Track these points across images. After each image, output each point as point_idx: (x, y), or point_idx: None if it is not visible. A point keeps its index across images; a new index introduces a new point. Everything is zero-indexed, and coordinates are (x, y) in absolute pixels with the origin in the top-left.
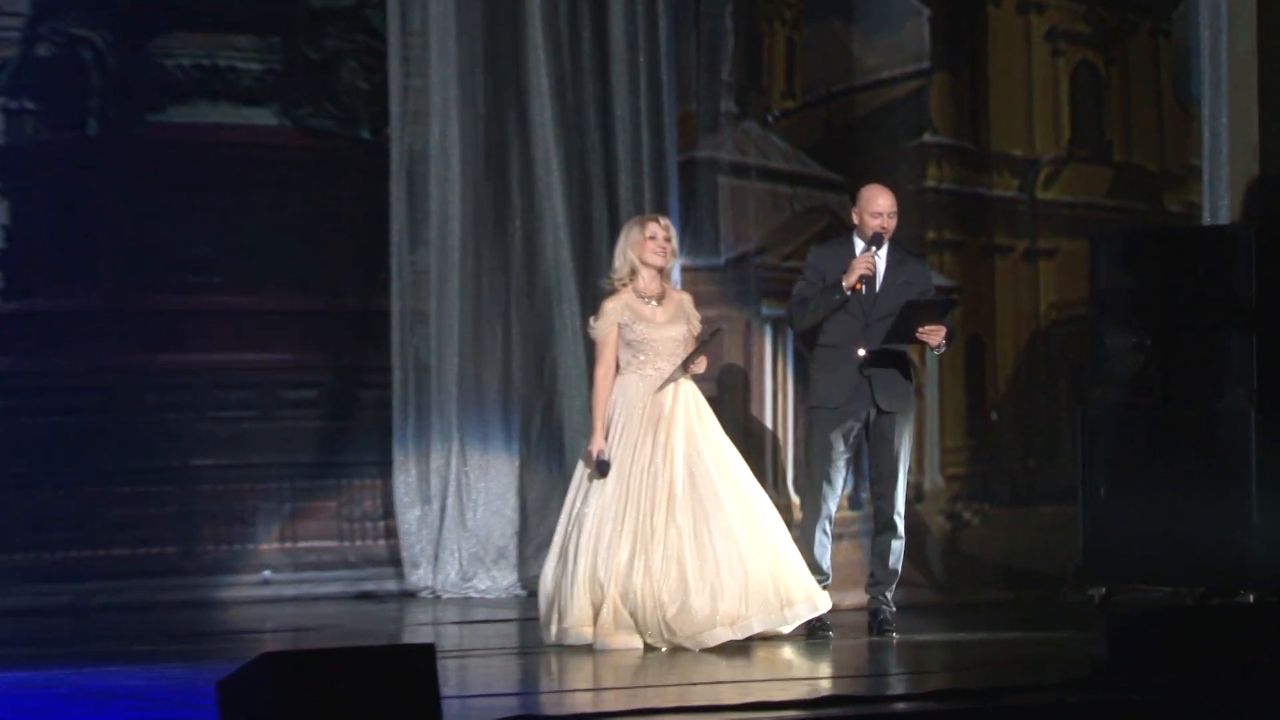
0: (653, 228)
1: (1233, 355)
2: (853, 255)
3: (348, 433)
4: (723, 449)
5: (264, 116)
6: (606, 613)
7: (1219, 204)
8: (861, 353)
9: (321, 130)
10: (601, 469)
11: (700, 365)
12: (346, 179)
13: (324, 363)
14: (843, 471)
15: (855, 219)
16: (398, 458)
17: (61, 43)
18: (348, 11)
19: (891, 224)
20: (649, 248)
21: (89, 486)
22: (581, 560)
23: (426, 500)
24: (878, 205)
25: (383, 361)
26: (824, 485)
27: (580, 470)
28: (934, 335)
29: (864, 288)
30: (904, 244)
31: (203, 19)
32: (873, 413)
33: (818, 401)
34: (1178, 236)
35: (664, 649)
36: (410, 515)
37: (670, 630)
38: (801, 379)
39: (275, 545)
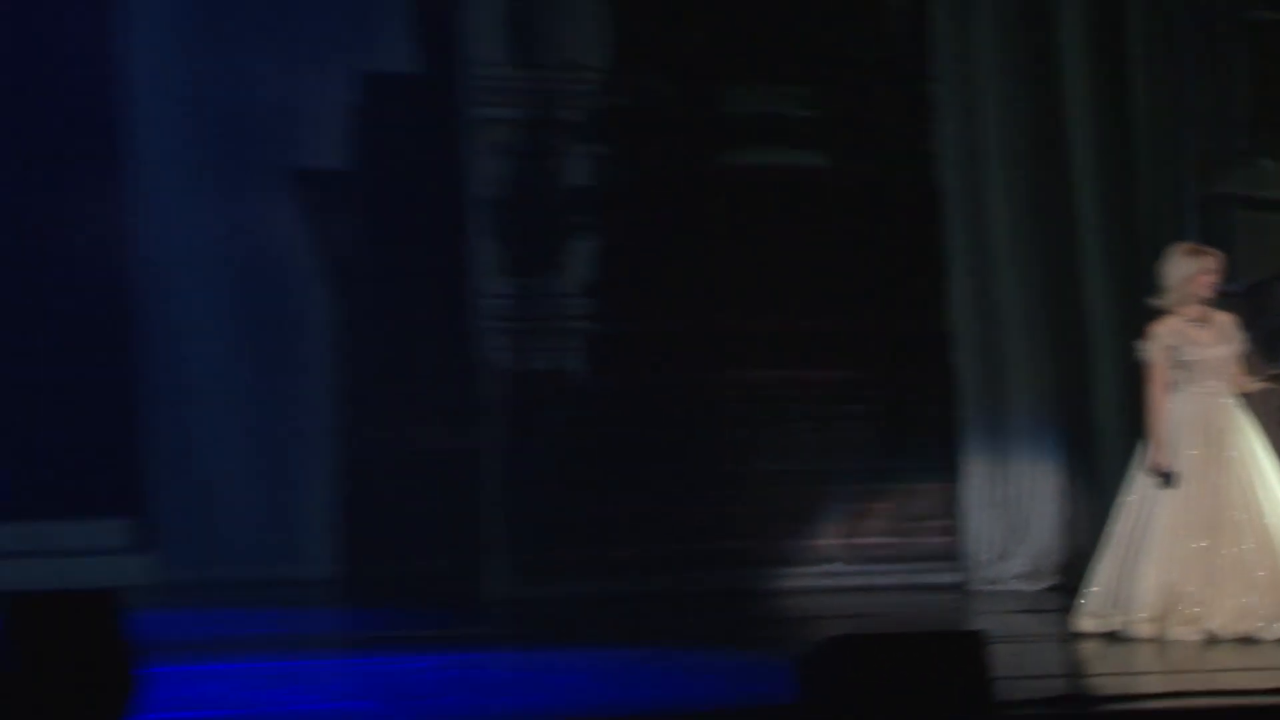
0: (1211, 263)
1: None
2: None
3: (902, 442)
4: (1274, 470)
5: (811, 158)
6: (1171, 610)
7: None
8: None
9: (864, 172)
10: (1171, 481)
11: (1253, 387)
12: (885, 215)
13: (875, 379)
14: None
15: None
16: (963, 466)
17: (634, 93)
18: (889, 63)
19: None
20: (1204, 282)
21: (677, 489)
22: (1149, 564)
23: (984, 505)
24: None
25: (927, 379)
26: None
27: (1140, 479)
28: None
29: None
30: None
31: (761, 71)
32: None
33: None
34: None
35: (1225, 638)
36: (972, 516)
37: (1234, 624)
38: None
39: (840, 541)
